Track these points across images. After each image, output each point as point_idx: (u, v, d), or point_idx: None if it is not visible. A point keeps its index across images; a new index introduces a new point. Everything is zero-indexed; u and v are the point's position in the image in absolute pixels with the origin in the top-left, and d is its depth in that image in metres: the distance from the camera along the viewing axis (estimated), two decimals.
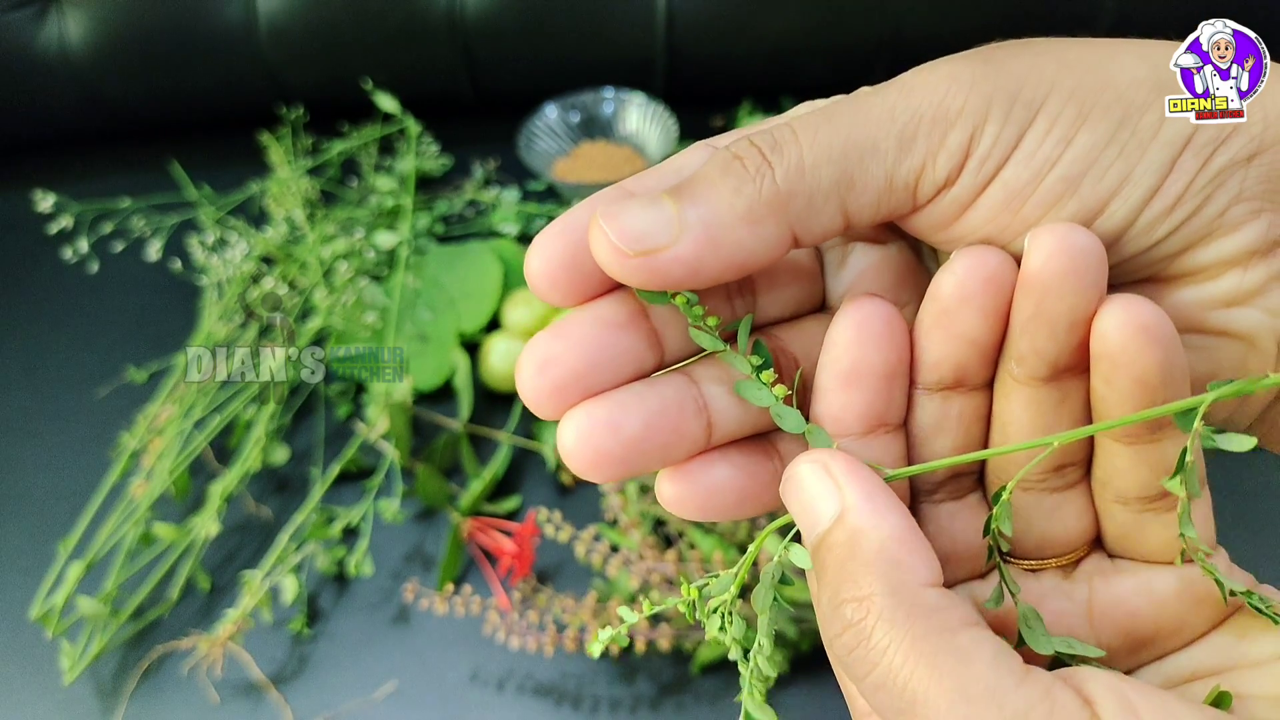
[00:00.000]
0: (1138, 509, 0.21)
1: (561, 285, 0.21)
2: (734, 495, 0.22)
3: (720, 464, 0.22)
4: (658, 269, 0.20)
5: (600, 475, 0.21)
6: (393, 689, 0.56)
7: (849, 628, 0.18)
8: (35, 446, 0.73)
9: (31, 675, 0.58)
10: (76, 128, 1.00)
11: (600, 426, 0.20)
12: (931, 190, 0.21)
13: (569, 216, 0.21)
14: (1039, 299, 0.19)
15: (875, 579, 0.18)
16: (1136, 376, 0.19)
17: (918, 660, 0.17)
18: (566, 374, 0.21)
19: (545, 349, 0.21)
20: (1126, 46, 0.22)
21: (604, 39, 0.94)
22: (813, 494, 0.20)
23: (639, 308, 0.22)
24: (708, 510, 0.22)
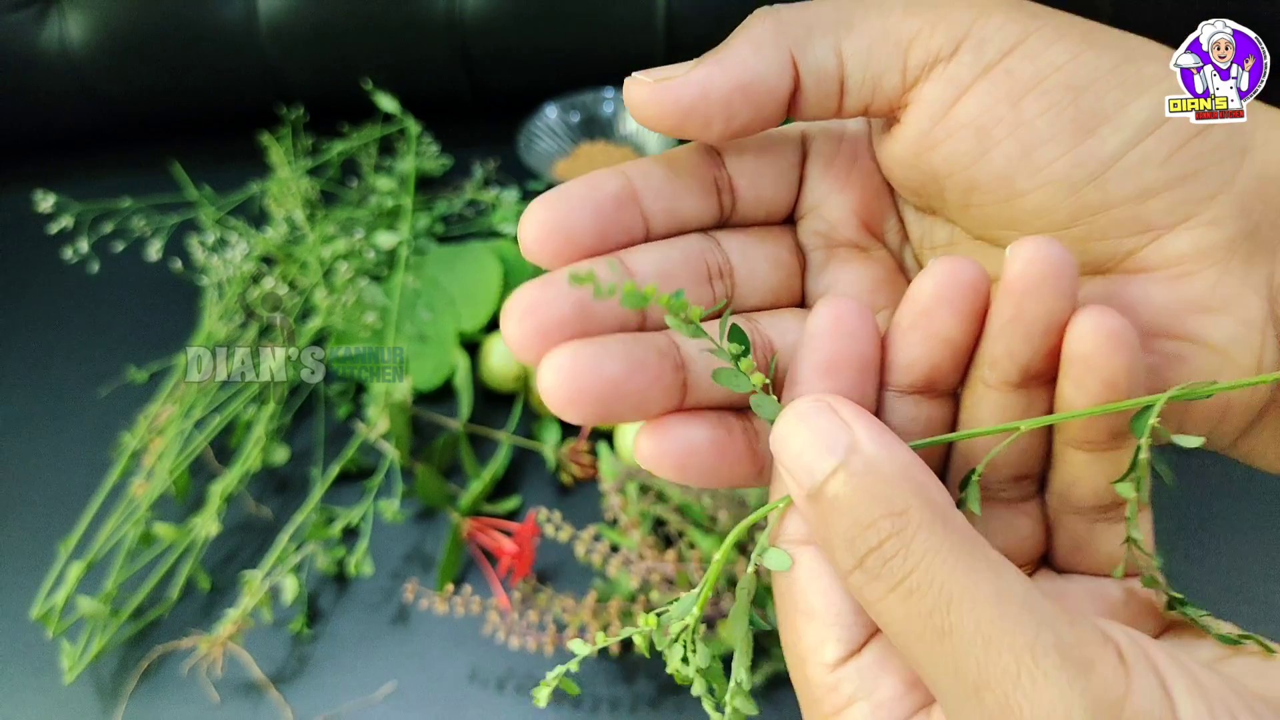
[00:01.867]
0: (1091, 519, 0.22)
1: (550, 247, 0.22)
2: (711, 458, 0.22)
3: (699, 424, 0.22)
4: (673, 95, 0.21)
5: (577, 413, 0.21)
6: (392, 689, 0.56)
7: (887, 539, 0.18)
8: (36, 446, 0.73)
9: (32, 675, 0.58)
10: (77, 128, 1.00)
11: (582, 364, 0.20)
12: (925, 60, 0.21)
13: (562, 188, 0.22)
14: (1019, 302, 0.20)
15: (910, 494, 0.18)
16: (1105, 379, 0.19)
17: (956, 562, 0.17)
18: (551, 319, 0.21)
19: (531, 296, 0.21)
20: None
21: (604, 39, 0.94)
22: (820, 430, 0.19)
23: (623, 271, 0.22)
24: (684, 470, 0.22)
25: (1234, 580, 0.58)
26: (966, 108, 0.21)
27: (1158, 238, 0.21)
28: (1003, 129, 0.21)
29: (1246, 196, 0.20)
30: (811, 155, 0.25)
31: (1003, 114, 0.21)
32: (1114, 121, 0.20)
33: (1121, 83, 0.20)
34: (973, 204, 0.22)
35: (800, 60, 0.21)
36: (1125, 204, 0.21)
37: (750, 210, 0.25)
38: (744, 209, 0.25)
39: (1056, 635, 0.16)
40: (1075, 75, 0.20)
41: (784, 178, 0.25)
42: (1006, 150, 0.21)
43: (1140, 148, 0.20)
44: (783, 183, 0.25)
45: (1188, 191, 0.20)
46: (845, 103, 0.22)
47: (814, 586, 0.20)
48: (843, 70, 0.22)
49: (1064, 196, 0.21)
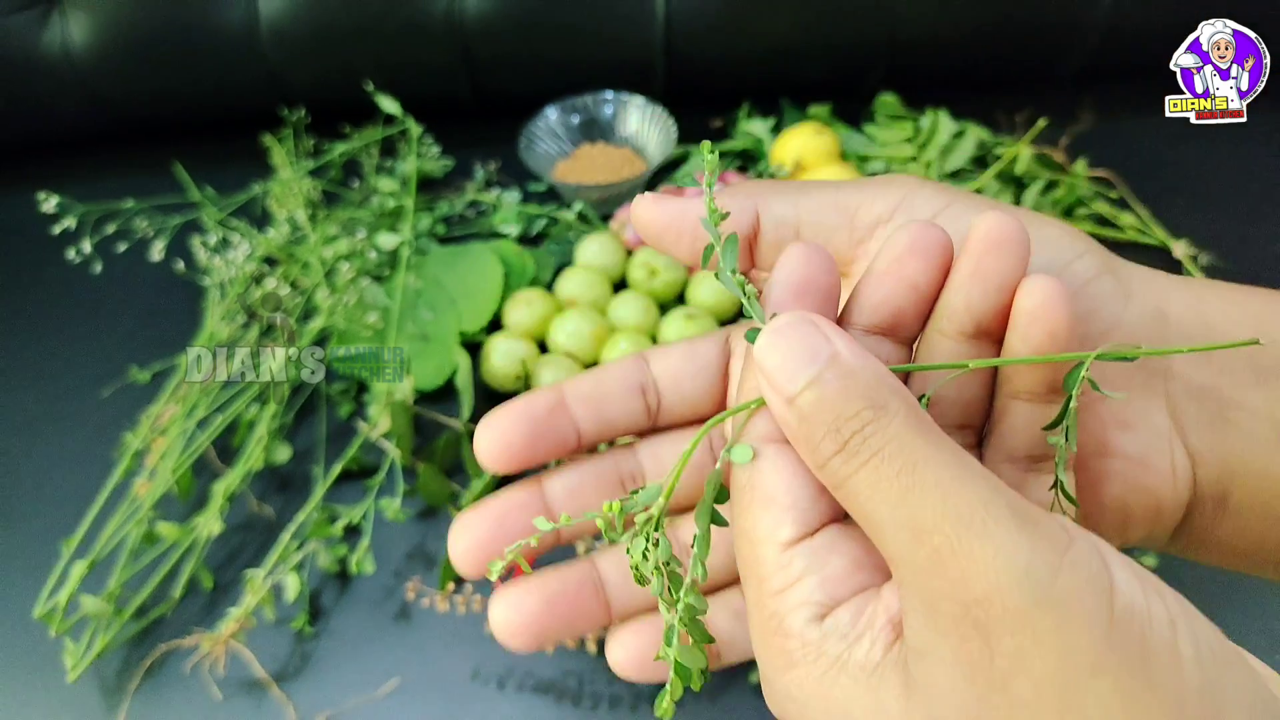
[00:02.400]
0: (1024, 467, 0.24)
1: (495, 459, 0.28)
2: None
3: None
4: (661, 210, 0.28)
5: (522, 645, 0.28)
6: (395, 686, 0.56)
7: (869, 422, 0.20)
8: (39, 446, 0.73)
9: (35, 673, 0.58)
10: (80, 129, 1.01)
11: (528, 605, 0.28)
12: (869, 222, 0.26)
13: (503, 406, 0.28)
14: (979, 258, 0.23)
15: (888, 393, 0.20)
16: (1048, 330, 0.22)
17: (925, 438, 0.19)
18: (476, 542, 0.28)
19: (465, 521, 0.28)
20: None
21: (604, 41, 0.94)
22: (803, 341, 0.21)
23: (539, 494, 0.28)
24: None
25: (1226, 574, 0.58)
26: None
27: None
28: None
29: (1136, 330, 0.25)
30: (735, 357, 0.29)
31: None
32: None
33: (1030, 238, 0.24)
34: (906, 342, 0.25)
35: (762, 211, 0.26)
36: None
37: (675, 407, 0.29)
38: (669, 406, 0.29)
39: (1008, 499, 0.18)
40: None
41: (704, 374, 0.29)
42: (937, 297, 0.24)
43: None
44: (702, 379, 0.29)
45: (1088, 328, 0.24)
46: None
47: (775, 477, 0.22)
48: (799, 222, 0.26)
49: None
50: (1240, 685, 0.17)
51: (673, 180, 0.89)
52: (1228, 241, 0.77)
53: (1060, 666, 0.17)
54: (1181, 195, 0.84)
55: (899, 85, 0.95)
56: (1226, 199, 0.86)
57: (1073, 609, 0.17)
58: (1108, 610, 0.17)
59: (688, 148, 0.92)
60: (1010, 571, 0.17)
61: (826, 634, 0.20)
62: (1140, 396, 0.25)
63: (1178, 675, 0.17)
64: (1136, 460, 0.25)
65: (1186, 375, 0.25)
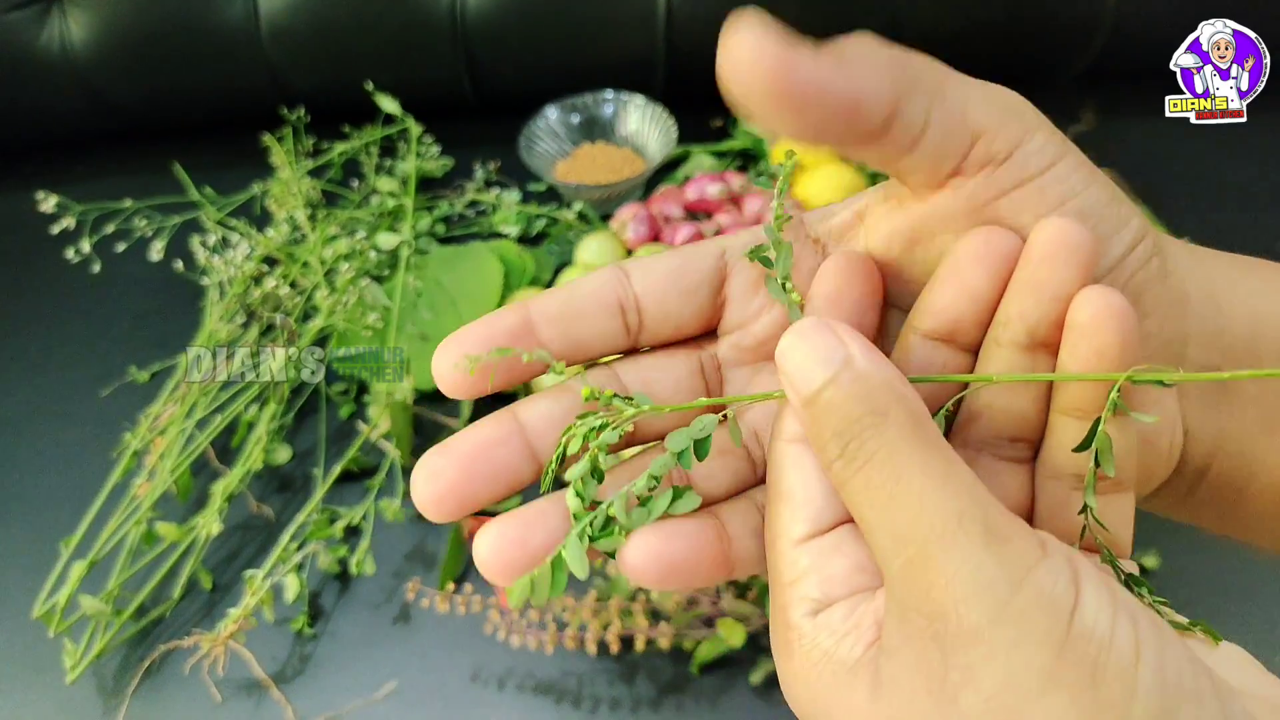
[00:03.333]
0: (1070, 486, 0.23)
1: (456, 385, 0.25)
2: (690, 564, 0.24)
3: (678, 538, 0.24)
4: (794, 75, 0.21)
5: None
6: (394, 687, 0.56)
7: (867, 429, 0.20)
8: (38, 446, 0.73)
9: (34, 674, 0.58)
10: (79, 128, 1.01)
11: (508, 542, 0.24)
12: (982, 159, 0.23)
13: (463, 329, 0.25)
14: (1034, 267, 0.22)
15: (892, 400, 0.20)
16: (1096, 347, 0.21)
17: (916, 447, 0.20)
18: (446, 486, 0.24)
19: (431, 464, 0.24)
20: None
21: (604, 41, 0.94)
22: (819, 345, 0.21)
23: (515, 426, 0.25)
24: (667, 578, 0.24)
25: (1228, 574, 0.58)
26: (1000, 209, 0.23)
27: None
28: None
29: (1165, 314, 0.24)
30: (734, 276, 0.26)
31: (1026, 225, 0.23)
32: (1109, 242, 0.23)
33: (1113, 216, 0.23)
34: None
35: (900, 109, 0.22)
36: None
37: (658, 328, 0.26)
38: (652, 326, 0.26)
39: (985, 513, 0.18)
40: (1085, 202, 0.23)
41: (695, 294, 0.26)
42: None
43: (1115, 270, 0.24)
44: (693, 299, 0.26)
45: (1141, 305, 0.24)
46: (904, 160, 0.23)
47: (795, 475, 0.23)
48: (924, 130, 0.23)
49: None
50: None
51: (673, 180, 0.89)
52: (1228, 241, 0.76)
53: (1009, 684, 0.17)
54: (1181, 195, 0.84)
55: None
56: (1226, 199, 0.86)
57: (1027, 627, 0.17)
58: (1063, 631, 0.17)
59: (688, 147, 0.92)
60: (972, 586, 0.18)
61: (819, 628, 0.21)
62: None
63: (1127, 703, 0.17)
64: (1145, 441, 0.25)
65: (1195, 356, 0.25)
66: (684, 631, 0.55)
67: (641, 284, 0.26)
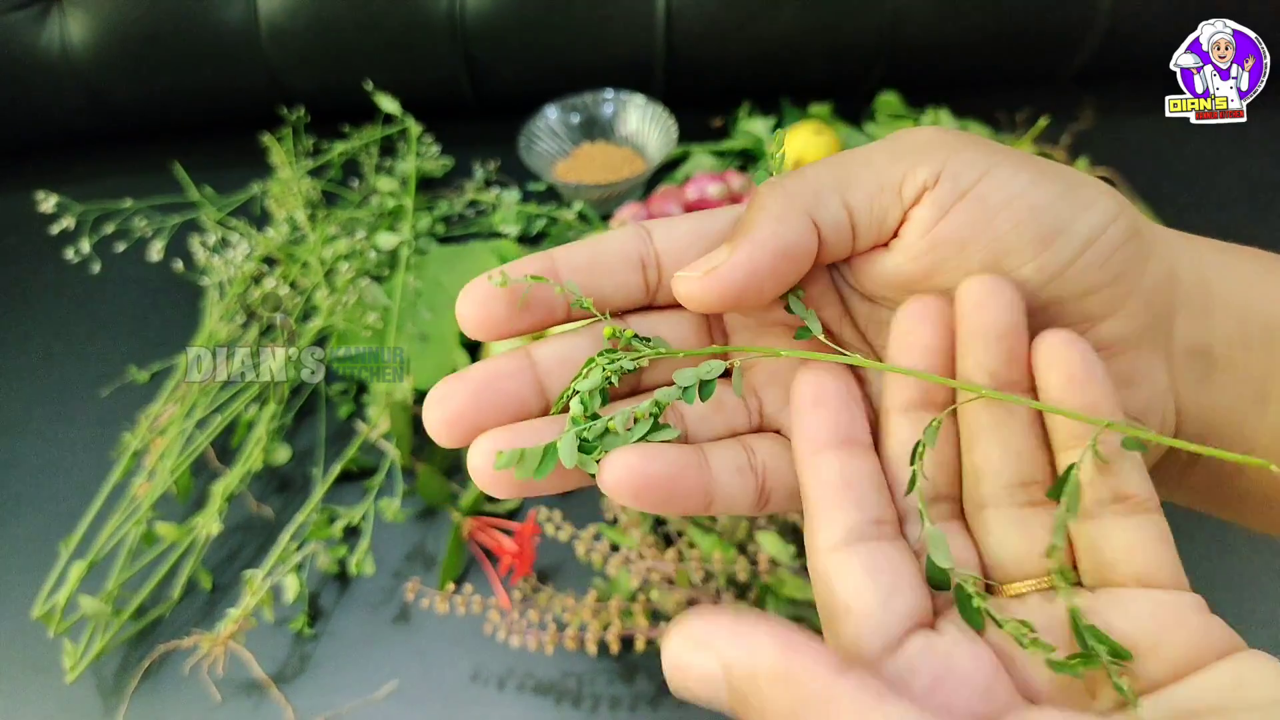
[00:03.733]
0: (1099, 515, 0.23)
1: (477, 325, 0.26)
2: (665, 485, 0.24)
3: (656, 459, 0.24)
4: (726, 282, 0.24)
5: (503, 492, 0.24)
6: (394, 688, 0.56)
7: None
8: (37, 446, 0.73)
9: (34, 674, 0.58)
10: (78, 128, 1.00)
11: (503, 445, 0.24)
12: (915, 191, 0.24)
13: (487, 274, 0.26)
14: (972, 316, 0.24)
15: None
16: (1065, 377, 0.23)
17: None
18: (457, 410, 0.25)
19: (444, 389, 0.25)
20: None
21: (604, 41, 0.94)
22: (693, 668, 0.20)
23: (527, 361, 0.26)
24: (640, 494, 0.24)
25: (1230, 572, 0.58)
26: (949, 225, 0.24)
27: (1093, 327, 0.25)
28: (978, 242, 0.24)
29: (1150, 294, 0.25)
30: None
31: (978, 230, 0.24)
32: (1066, 234, 0.24)
33: (1070, 204, 0.24)
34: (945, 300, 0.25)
35: (818, 220, 0.25)
36: (1074, 300, 0.24)
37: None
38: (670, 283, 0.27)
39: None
40: (1034, 199, 0.24)
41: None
42: (982, 257, 0.24)
43: (1086, 255, 0.24)
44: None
45: (1116, 290, 0.24)
46: (857, 244, 0.26)
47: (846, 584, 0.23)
48: (852, 219, 0.25)
49: (1029, 296, 0.24)
50: None
51: (673, 180, 0.89)
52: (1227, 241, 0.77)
53: None
54: (1181, 195, 0.84)
55: (900, 84, 0.95)
56: (1226, 199, 0.86)
57: None
58: None
59: (688, 147, 0.92)
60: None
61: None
62: (1145, 355, 0.25)
63: None
64: (1135, 417, 0.25)
65: (1185, 334, 0.26)
66: None
67: (663, 242, 0.26)
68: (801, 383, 0.25)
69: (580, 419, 0.24)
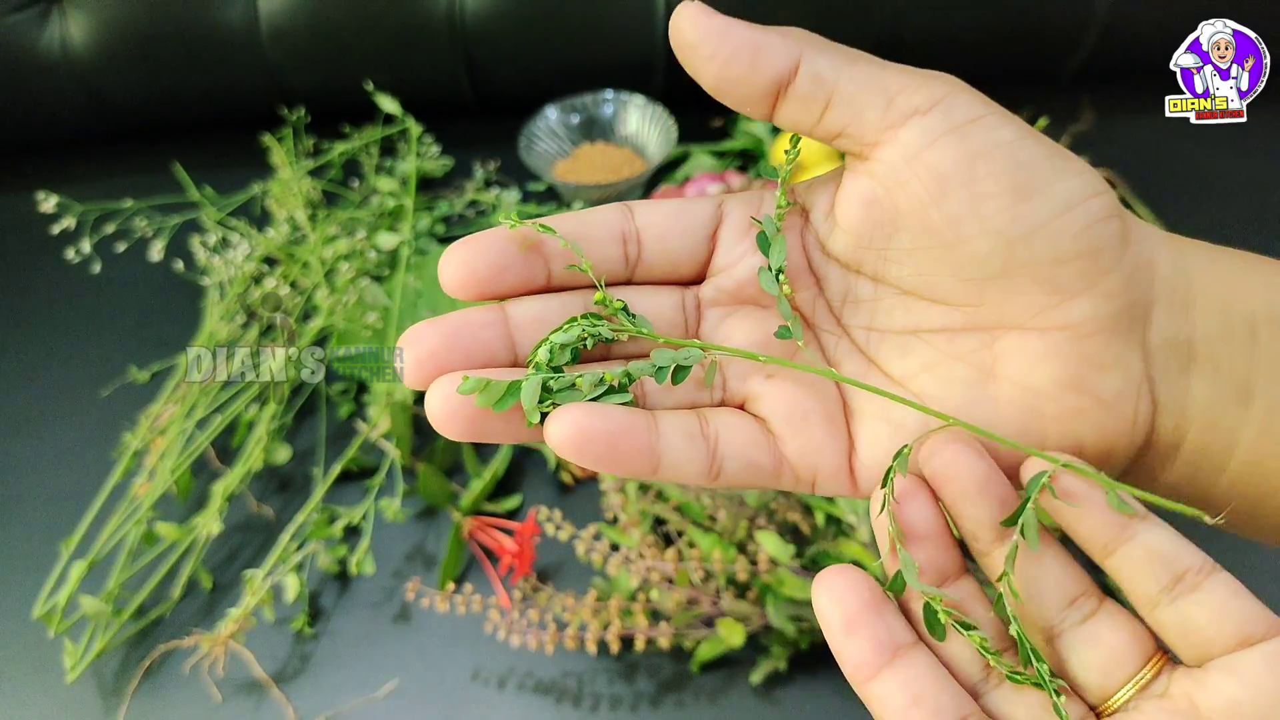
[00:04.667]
0: (1170, 600, 0.23)
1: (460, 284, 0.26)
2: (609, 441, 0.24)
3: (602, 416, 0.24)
4: (702, 20, 0.25)
5: (455, 431, 0.24)
6: (394, 687, 0.56)
7: None
8: (38, 446, 0.73)
9: (34, 674, 0.58)
10: (79, 129, 1.01)
11: (456, 390, 0.24)
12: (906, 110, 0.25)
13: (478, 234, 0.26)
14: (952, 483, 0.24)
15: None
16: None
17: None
18: (427, 350, 0.25)
19: (417, 330, 0.25)
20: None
21: (604, 41, 0.94)
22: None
23: (501, 315, 0.26)
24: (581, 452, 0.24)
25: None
26: (933, 155, 0.24)
27: (1065, 301, 0.25)
28: (958, 179, 0.24)
29: (1129, 276, 0.25)
30: (726, 222, 0.28)
31: (960, 167, 0.24)
32: (1044, 194, 0.24)
33: (1052, 167, 0.24)
34: (920, 246, 0.25)
35: (804, 60, 0.25)
36: (1045, 264, 0.24)
37: (654, 261, 0.27)
38: (649, 260, 0.27)
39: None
40: (1018, 152, 0.24)
41: (691, 235, 0.27)
42: (960, 198, 0.24)
43: (1062, 219, 0.24)
44: (689, 240, 0.27)
45: (1091, 264, 0.24)
46: (825, 115, 0.25)
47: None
48: (836, 86, 0.25)
49: (1000, 248, 0.24)
50: None
51: (672, 180, 0.89)
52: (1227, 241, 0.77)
53: None
54: (1181, 195, 0.84)
55: None
56: (1226, 199, 0.86)
57: None
58: None
59: (688, 147, 0.92)
60: None
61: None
62: (1121, 340, 0.25)
63: None
64: (1106, 403, 0.25)
65: (1163, 325, 0.26)
66: (684, 631, 0.55)
67: (644, 219, 0.27)
68: (825, 606, 0.24)
69: (544, 366, 0.24)
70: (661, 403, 0.26)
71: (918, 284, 0.26)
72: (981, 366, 0.26)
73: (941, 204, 0.24)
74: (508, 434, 0.25)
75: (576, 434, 0.23)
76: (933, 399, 0.26)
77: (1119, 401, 0.25)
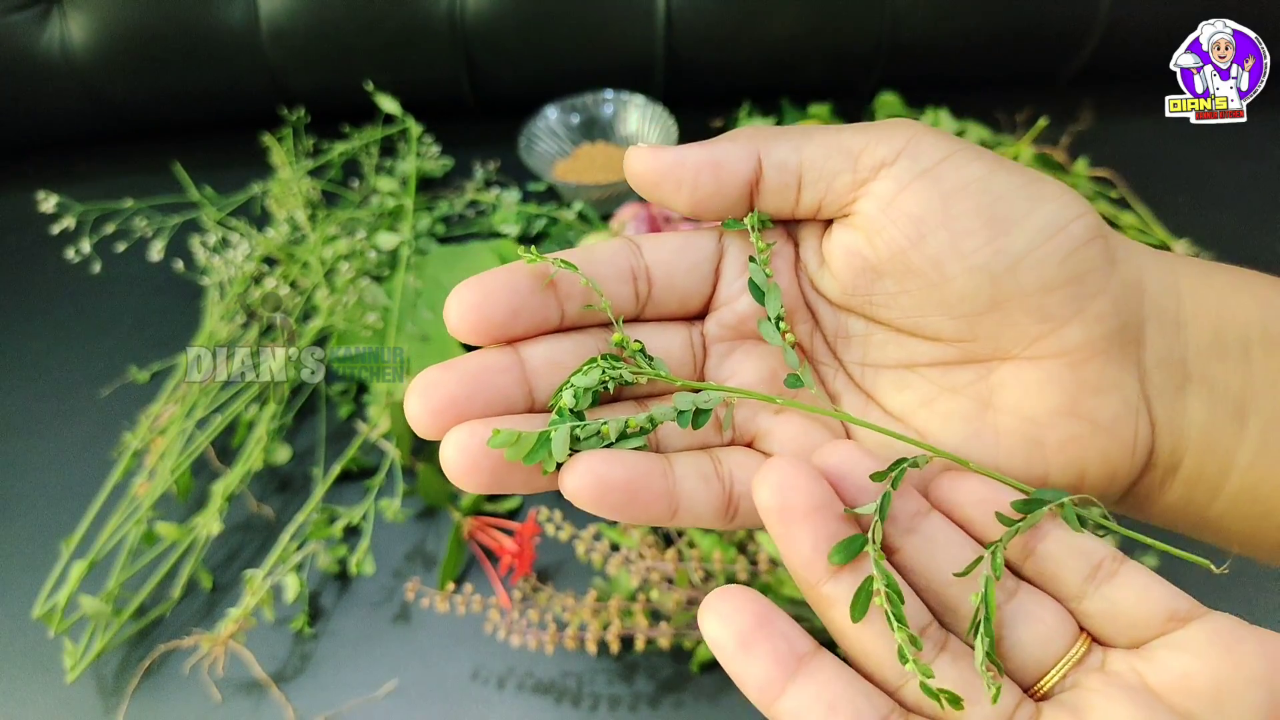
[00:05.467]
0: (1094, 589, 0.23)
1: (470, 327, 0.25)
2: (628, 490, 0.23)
3: (618, 464, 0.24)
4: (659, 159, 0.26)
5: (476, 484, 0.23)
6: (394, 687, 0.56)
7: None
8: (38, 446, 0.73)
9: (34, 673, 0.58)
10: (79, 129, 1.01)
11: (476, 442, 0.23)
12: (873, 165, 0.25)
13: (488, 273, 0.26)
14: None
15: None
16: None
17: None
18: (444, 399, 0.24)
19: (430, 377, 0.24)
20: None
21: (604, 41, 0.94)
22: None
23: (517, 359, 0.25)
24: (600, 503, 0.23)
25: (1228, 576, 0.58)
26: (906, 200, 0.25)
27: (1057, 329, 0.25)
28: (934, 220, 0.24)
29: (1117, 298, 0.25)
30: (727, 257, 0.28)
31: (935, 208, 0.24)
32: (1023, 225, 0.24)
33: (1028, 196, 0.24)
34: (906, 289, 0.25)
35: (765, 156, 0.26)
36: (1033, 294, 0.24)
37: (664, 298, 0.27)
38: (659, 297, 0.27)
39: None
40: (991, 185, 0.24)
41: (698, 270, 0.27)
42: (938, 238, 0.24)
43: (1043, 247, 0.24)
44: (696, 275, 0.27)
45: (1078, 289, 0.24)
46: (801, 196, 0.26)
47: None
48: (801, 167, 0.26)
49: (985, 283, 0.24)
50: None
51: None
52: (1228, 241, 0.77)
53: None
54: (1181, 195, 0.84)
55: (899, 85, 0.95)
56: (1226, 199, 0.86)
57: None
58: None
59: None
60: None
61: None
62: (1115, 364, 0.25)
63: None
64: (1105, 428, 0.25)
65: (1156, 345, 0.26)
66: (684, 631, 0.55)
67: (652, 255, 0.27)
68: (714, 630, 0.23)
69: (566, 412, 0.24)
70: (674, 444, 0.26)
71: (907, 324, 0.26)
72: (979, 399, 0.26)
73: (921, 246, 0.25)
74: (525, 484, 0.24)
75: (595, 483, 0.23)
76: (934, 435, 0.26)
77: (1118, 424, 0.25)
